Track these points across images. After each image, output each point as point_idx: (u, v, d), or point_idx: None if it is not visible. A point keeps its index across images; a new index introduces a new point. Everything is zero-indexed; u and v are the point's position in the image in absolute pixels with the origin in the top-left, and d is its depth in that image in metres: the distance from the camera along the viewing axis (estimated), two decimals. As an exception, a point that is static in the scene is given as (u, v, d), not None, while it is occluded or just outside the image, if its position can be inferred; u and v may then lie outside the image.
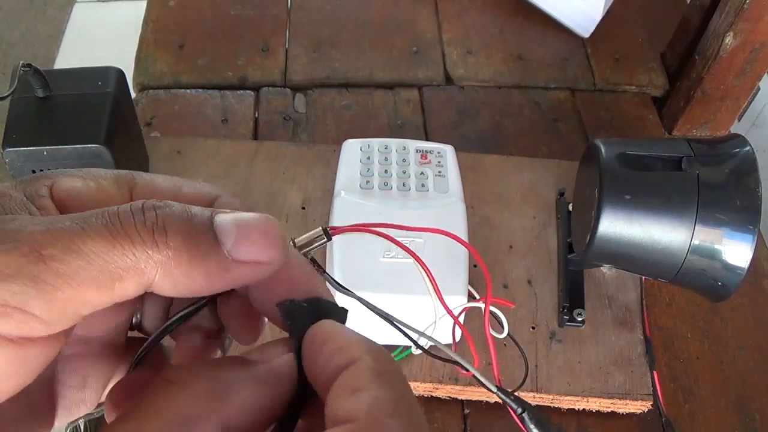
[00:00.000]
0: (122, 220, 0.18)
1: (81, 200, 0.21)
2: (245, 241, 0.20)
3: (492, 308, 0.61)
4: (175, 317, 0.23)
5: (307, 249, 0.25)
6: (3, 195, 0.20)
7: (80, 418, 0.23)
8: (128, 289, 0.19)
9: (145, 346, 0.23)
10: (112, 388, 0.23)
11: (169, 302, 0.25)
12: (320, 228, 0.25)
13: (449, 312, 0.35)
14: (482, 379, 0.25)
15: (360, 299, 0.25)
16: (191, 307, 0.23)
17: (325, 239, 0.25)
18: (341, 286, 0.25)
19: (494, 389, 0.26)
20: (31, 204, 0.20)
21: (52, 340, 0.18)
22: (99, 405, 0.23)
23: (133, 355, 0.23)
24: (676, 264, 0.54)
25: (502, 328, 0.59)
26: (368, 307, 0.25)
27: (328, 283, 0.24)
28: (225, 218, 0.20)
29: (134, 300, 0.20)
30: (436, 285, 0.24)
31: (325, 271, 0.24)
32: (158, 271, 0.19)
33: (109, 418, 0.22)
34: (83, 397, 0.23)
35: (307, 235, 0.25)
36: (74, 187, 0.21)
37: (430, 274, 0.24)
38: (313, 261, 0.25)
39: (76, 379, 0.23)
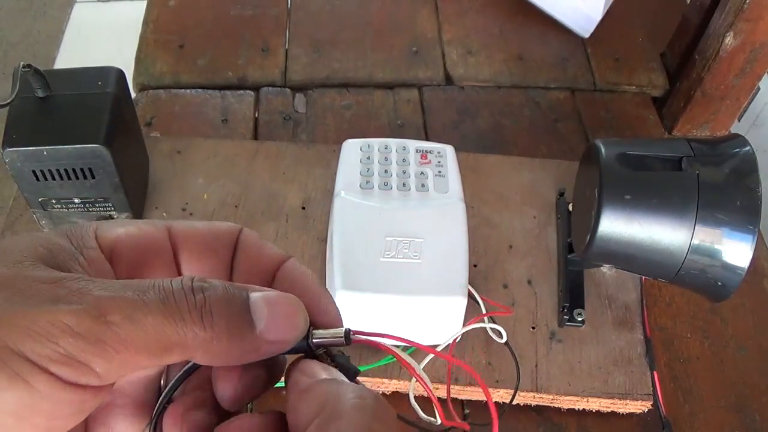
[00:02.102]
0: (176, 298, 0.21)
1: (127, 243, 0.24)
2: (274, 324, 0.22)
3: (489, 324, 0.61)
4: (177, 378, 0.24)
5: (321, 343, 0.24)
6: (51, 242, 0.22)
7: None
8: (173, 358, 0.21)
9: (158, 408, 0.24)
10: None
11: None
12: (344, 329, 0.24)
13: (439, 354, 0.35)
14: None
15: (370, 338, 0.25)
16: (187, 368, 0.24)
17: (344, 342, 0.24)
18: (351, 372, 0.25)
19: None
20: (80, 255, 0.22)
21: (102, 390, 0.21)
22: None
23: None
24: (676, 264, 0.54)
25: (501, 336, 0.59)
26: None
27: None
28: (258, 300, 0.22)
29: None
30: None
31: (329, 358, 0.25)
32: (201, 347, 0.21)
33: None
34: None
35: (329, 332, 0.24)
36: (117, 233, 0.24)
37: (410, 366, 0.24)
38: (324, 354, 0.25)
39: (103, 430, 0.25)
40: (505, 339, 0.59)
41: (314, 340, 0.24)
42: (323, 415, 0.20)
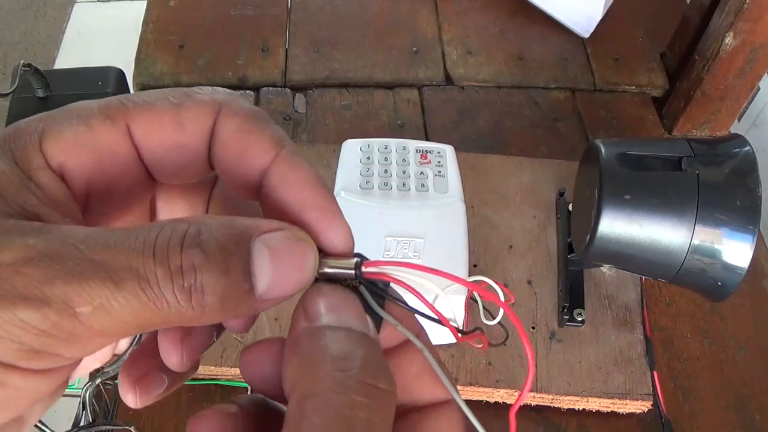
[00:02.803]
0: (159, 279, 0.18)
1: (80, 158, 0.20)
2: (278, 282, 0.19)
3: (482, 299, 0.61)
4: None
5: (327, 275, 0.22)
6: (1, 178, 0.19)
7: (98, 377, 0.23)
8: (155, 329, 0.19)
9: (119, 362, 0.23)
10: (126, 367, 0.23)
11: None
12: (354, 260, 0.22)
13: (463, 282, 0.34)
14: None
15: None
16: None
17: (353, 275, 0.22)
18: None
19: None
20: (30, 181, 0.19)
21: (76, 365, 0.19)
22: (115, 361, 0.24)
23: None
24: (676, 264, 0.54)
25: (493, 317, 0.58)
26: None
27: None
28: (261, 254, 0.19)
29: None
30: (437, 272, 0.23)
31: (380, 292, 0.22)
32: (187, 322, 0.19)
33: (123, 392, 0.22)
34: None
35: (337, 262, 0.22)
36: (66, 145, 0.20)
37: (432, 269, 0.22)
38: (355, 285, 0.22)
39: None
40: (498, 319, 0.58)
41: (320, 270, 0.21)
42: (299, 390, 0.18)
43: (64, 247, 0.18)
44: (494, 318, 0.59)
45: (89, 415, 0.46)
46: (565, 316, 0.62)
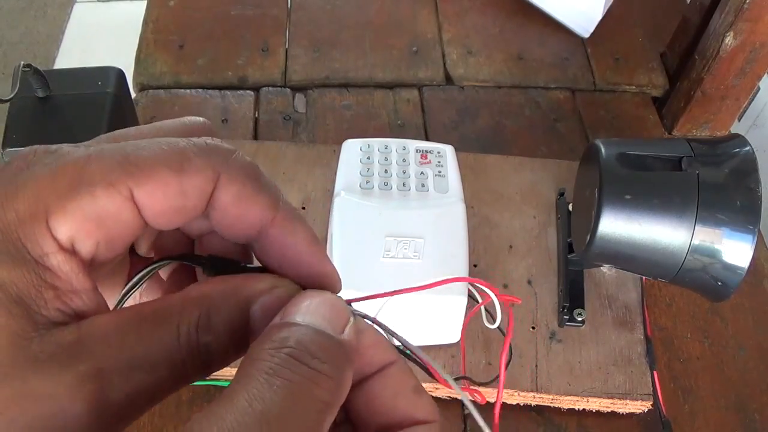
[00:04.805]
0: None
1: (88, 231, 0.21)
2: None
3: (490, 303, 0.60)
4: (141, 275, 0.24)
5: None
6: (13, 296, 0.19)
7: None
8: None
9: (130, 286, 0.24)
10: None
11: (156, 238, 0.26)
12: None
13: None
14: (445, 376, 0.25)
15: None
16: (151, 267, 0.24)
17: None
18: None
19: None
20: (45, 270, 0.20)
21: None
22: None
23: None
24: (676, 264, 0.54)
25: (493, 320, 0.58)
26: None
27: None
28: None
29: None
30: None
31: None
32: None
33: None
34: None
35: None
36: (75, 220, 0.20)
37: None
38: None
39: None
40: (497, 323, 0.58)
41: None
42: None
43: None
44: (494, 321, 0.59)
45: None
46: (565, 316, 0.62)
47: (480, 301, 0.59)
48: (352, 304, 0.24)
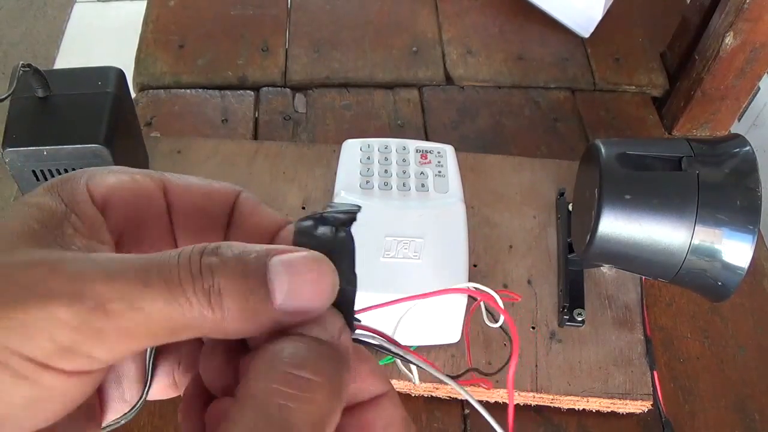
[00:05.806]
0: (182, 280, 0.19)
1: (121, 196, 0.23)
2: (296, 295, 0.20)
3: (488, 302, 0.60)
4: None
5: None
6: (42, 209, 0.21)
7: (121, 418, 0.25)
8: (181, 338, 0.20)
9: (150, 371, 0.24)
10: None
11: None
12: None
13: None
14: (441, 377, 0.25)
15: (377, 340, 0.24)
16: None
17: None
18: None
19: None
20: (72, 213, 0.21)
21: (104, 370, 0.21)
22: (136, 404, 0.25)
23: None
24: (676, 264, 0.54)
25: (495, 320, 0.58)
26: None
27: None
28: (277, 268, 0.20)
29: None
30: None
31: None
32: (210, 327, 0.20)
33: None
34: (122, 393, 0.25)
35: None
36: (111, 184, 0.23)
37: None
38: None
39: (114, 376, 0.25)
40: (500, 323, 0.58)
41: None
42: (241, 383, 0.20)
43: (98, 256, 0.20)
44: (496, 321, 0.59)
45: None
46: (565, 316, 0.62)
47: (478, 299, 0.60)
48: (355, 314, 0.23)
